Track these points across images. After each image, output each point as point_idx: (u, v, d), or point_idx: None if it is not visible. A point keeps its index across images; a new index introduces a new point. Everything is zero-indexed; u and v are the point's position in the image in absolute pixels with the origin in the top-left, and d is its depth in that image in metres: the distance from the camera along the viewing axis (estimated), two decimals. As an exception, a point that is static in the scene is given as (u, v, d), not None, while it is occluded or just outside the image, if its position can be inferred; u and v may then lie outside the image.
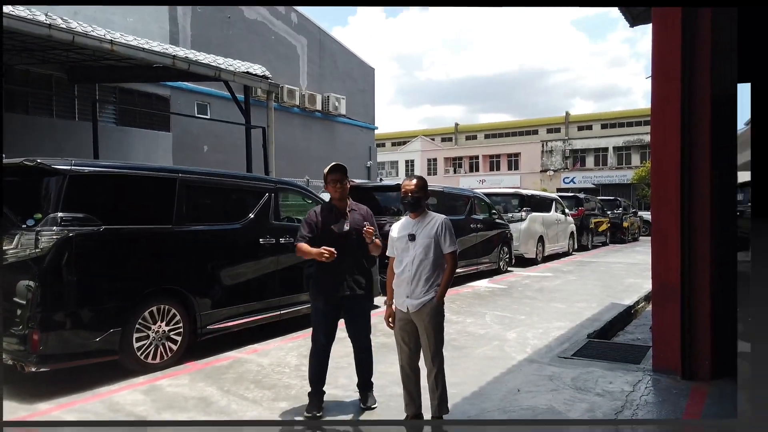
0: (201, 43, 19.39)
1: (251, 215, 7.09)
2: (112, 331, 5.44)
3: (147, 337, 5.75)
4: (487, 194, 15.74)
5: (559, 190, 42.19)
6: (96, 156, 12.93)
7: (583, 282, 12.66)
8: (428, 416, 4.35)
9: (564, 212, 18.87)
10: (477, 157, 60.11)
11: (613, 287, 11.75)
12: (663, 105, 5.65)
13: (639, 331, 8.11)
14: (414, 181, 4.33)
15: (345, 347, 4.89)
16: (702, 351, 5.43)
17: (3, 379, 4.78)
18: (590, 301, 9.94)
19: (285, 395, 5.18)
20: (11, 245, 5.11)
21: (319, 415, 4.64)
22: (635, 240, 26.72)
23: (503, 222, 14.47)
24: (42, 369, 5.05)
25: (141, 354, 5.70)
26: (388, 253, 4.49)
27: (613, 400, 4.95)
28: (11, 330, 5.03)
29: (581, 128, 66.66)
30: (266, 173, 14.65)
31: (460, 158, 61.50)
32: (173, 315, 6.01)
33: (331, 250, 4.40)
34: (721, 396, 5.00)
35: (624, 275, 13.74)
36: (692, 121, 5.43)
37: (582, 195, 24.33)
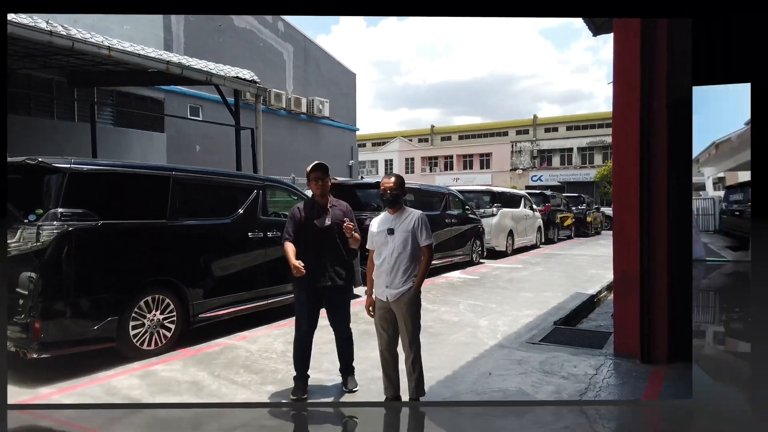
0: (193, 50, 19.14)
1: (240, 211, 7.04)
2: (110, 320, 5.38)
3: (142, 325, 5.69)
4: (461, 191, 15.73)
5: (528, 188, 42.31)
6: (94, 155, 12.83)
7: (550, 273, 12.73)
8: (406, 398, 4.37)
9: (532, 208, 18.95)
10: (451, 157, 60.11)
11: (578, 278, 11.82)
12: (625, 111, 5.63)
13: (601, 319, 8.16)
14: (392, 179, 4.33)
15: (328, 334, 4.88)
16: (660, 336, 5.48)
17: (7, 365, 4.74)
18: (556, 291, 9.99)
19: (272, 379, 5.16)
20: (14, 239, 5.06)
21: (304, 398, 4.64)
22: (598, 234, 26.88)
23: (476, 217, 14.47)
24: (43, 355, 5.00)
25: (137, 341, 5.65)
26: (368, 246, 4.48)
27: (578, 383, 4.98)
28: (14, 319, 4.97)
29: (548, 130, 66.97)
30: (255, 171, 14.60)
31: (436, 158, 61.50)
32: (167, 304, 5.96)
33: (301, 270, 4.39)
34: (678, 378, 5.05)
35: (587, 267, 13.82)
36: (651, 131, 5.45)
37: (549, 192, 24.45)
